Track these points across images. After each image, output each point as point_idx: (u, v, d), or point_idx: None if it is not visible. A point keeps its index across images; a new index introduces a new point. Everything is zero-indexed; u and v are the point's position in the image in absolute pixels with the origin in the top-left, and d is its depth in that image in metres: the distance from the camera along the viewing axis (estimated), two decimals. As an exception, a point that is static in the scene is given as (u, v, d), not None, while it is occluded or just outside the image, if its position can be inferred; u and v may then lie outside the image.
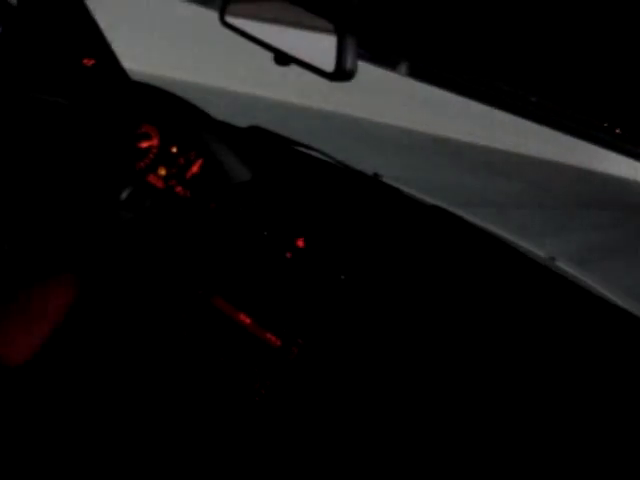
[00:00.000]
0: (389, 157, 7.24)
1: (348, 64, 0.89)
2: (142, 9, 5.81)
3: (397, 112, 10.22)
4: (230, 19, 0.99)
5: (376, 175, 1.28)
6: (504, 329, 0.95)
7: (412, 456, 0.93)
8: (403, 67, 12.12)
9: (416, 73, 11.98)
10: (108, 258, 1.23)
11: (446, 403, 0.93)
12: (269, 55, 0.97)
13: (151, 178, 1.25)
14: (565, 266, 1.30)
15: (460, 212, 1.24)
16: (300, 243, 1.09)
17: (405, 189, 1.26)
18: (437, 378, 0.95)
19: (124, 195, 1.21)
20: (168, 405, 1.09)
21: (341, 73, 0.89)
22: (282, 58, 0.95)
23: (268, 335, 1.05)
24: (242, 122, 1.37)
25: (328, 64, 0.90)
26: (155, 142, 1.27)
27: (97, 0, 1.31)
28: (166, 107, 1.29)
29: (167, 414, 1.08)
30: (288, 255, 1.09)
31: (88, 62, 1.29)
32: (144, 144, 1.27)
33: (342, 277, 1.04)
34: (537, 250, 1.35)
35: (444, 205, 1.22)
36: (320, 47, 0.91)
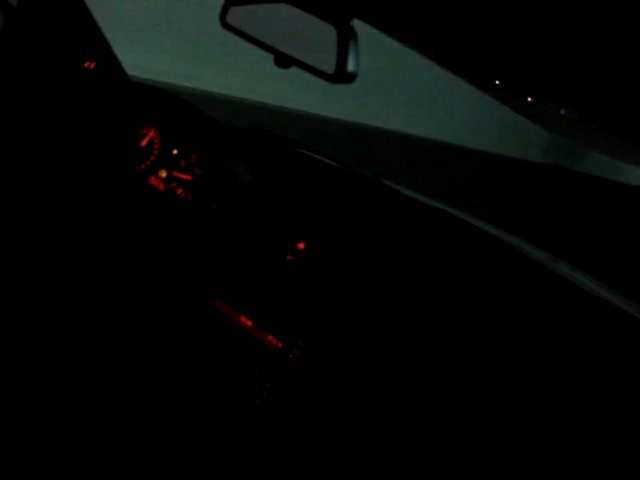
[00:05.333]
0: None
1: (349, 66, 0.89)
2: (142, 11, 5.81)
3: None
4: (231, 21, 0.99)
5: (377, 177, 1.27)
6: (507, 331, 0.95)
7: (412, 458, 0.92)
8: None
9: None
10: (109, 259, 1.23)
11: (447, 406, 0.93)
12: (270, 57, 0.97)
13: (152, 180, 1.25)
14: (568, 268, 1.30)
15: (462, 214, 1.24)
16: (301, 246, 1.09)
17: (406, 191, 1.26)
18: (438, 380, 0.94)
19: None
20: (169, 407, 1.08)
21: (342, 75, 0.89)
22: (283, 60, 0.95)
23: (269, 337, 1.04)
24: (243, 126, 1.37)
25: (330, 66, 0.90)
26: (156, 144, 1.27)
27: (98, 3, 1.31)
28: (167, 109, 1.29)
29: (168, 416, 1.07)
30: (289, 258, 1.09)
31: (89, 65, 1.30)
32: (145, 146, 1.27)
33: (343, 279, 1.04)
34: (540, 252, 1.35)
35: (445, 207, 1.22)
36: (321, 49, 0.91)
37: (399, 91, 9.69)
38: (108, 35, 1.31)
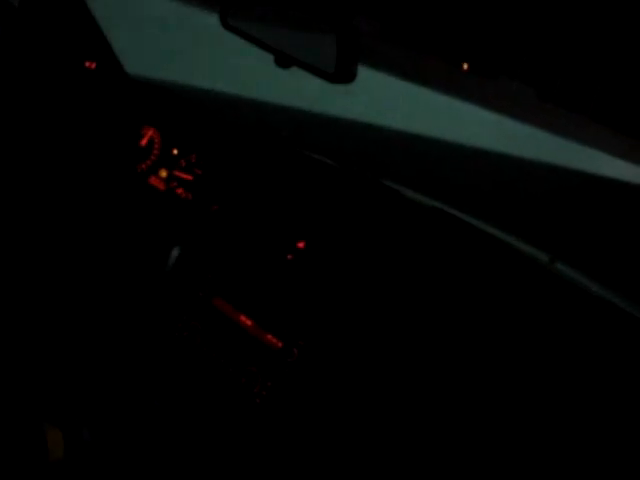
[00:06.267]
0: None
1: (349, 66, 0.89)
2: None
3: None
4: (232, 21, 0.99)
5: (377, 177, 1.28)
6: (505, 331, 0.95)
7: (412, 457, 0.93)
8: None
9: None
10: (109, 258, 1.23)
11: (447, 405, 0.93)
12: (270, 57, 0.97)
13: (152, 180, 1.26)
14: (565, 268, 1.30)
15: (461, 214, 1.24)
16: (301, 245, 1.09)
17: (406, 191, 1.26)
18: (438, 380, 0.94)
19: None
20: (168, 406, 1.09)
21: (342, 74, 0.90)
22: (283, 60, 0.95)
23: (269, 337, 1.05)
24: (244, 125, 1.37)
25: (330, 66, 0.90)
26: (156, 144, 1.27)
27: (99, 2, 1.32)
28: (168, 109, 1.29)
29: (167, 415, 1.08)
30: (289, 257, 1.09)
31: (90, 65, 1.30)
32: (145, 146, 1.28)
33: (343, 279, 1.04)
34: (538, 252, 1.35)
35: (444, 207, 1.22)
36: (321, 49, 0.91)
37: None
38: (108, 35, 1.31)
